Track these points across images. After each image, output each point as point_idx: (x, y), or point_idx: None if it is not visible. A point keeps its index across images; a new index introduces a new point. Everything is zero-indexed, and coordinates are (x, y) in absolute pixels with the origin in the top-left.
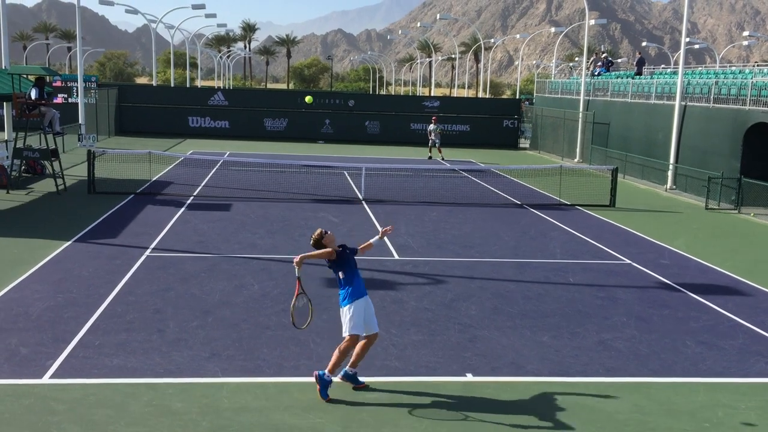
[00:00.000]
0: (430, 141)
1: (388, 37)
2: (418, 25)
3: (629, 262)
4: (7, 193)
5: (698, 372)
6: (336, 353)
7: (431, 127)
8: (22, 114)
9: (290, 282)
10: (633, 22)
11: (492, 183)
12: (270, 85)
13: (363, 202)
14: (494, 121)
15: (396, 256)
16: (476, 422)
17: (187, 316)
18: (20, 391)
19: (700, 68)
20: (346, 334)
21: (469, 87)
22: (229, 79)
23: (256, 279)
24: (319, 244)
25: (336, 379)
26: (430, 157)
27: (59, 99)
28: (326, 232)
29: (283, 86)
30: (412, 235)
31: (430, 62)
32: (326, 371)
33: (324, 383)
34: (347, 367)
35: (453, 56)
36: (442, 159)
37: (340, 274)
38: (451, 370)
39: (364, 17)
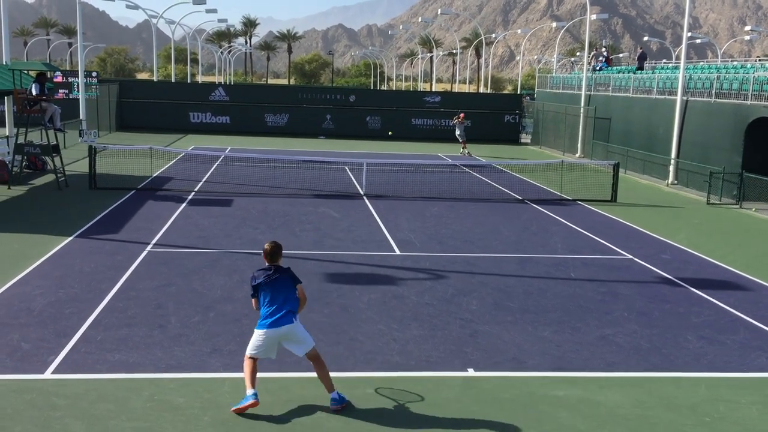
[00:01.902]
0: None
1: (389, 33)
2: (419, 20)
3: (630, 257)
4: (9, 188)
5: (699, 367)
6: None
7: (456, 122)
8: (23, 110)
9: None
10: (635, 16)
11: (493, 178)
12: (271, 81)
13: (364, 197)
14: (495, 116)
15: (397, 251)
16: (477, 417)
17: (188, 311)
18: (22, 387)
19: (701, 63)
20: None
21: (470, 82)
22: (230, 74)
23: None
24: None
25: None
26: (468, 154)
27: (60, 95)
28: (265, 250)
29: (284, 82)
30: (413, 230)
31: (431, 57)
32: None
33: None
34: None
35: (454, 51)
36: (464, 154)
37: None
38: (453, 365)
39: (365, 12)
